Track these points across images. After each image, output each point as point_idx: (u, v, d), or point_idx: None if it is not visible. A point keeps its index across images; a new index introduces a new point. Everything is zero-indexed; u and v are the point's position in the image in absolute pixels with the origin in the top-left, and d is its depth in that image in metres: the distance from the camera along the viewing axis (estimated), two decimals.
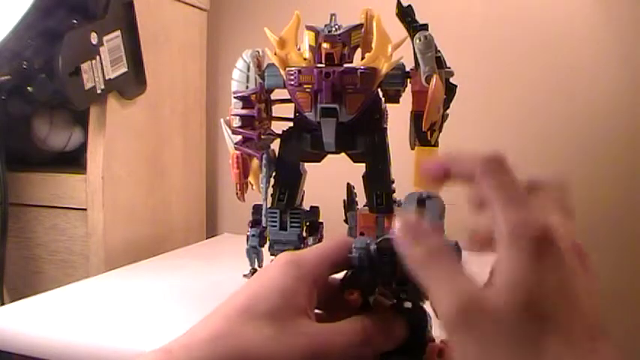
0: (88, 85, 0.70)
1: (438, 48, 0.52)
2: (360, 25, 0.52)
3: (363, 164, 0.54)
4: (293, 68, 0.50)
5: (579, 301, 0.26)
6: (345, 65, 0.50)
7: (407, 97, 0.54)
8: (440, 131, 0.53)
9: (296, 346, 0.29)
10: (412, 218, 0.31)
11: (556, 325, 0.25)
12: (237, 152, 0.56)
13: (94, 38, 0.71)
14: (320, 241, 0.57)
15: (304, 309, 0.31)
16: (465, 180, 0.31)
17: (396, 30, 0.52)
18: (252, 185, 0.59)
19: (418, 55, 0.51)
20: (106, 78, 0.74)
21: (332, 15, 0.52)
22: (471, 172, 0.30)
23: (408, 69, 0.53)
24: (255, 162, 0.58)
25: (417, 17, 0.53)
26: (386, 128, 0.55)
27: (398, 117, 0.56)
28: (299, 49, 0.52)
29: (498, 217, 0.28)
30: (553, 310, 0.25)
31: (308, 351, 0.29)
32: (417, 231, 0.30)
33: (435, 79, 0.49)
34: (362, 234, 0.55)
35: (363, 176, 0.54)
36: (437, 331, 0.35)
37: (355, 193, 0.57)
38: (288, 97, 0.52)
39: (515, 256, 0.26)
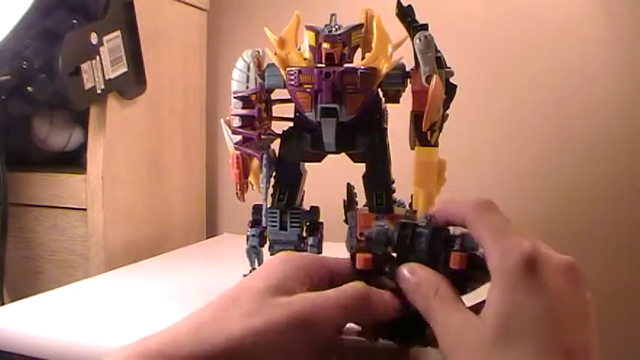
0: (88, 85, 0.70)
1: (438, 48, 0.52)
2: (360, 25, 0.52)
3: (363, 164, 0.54)
4: (293, 68, 0.50)
5: (559, 322, 0.27)
6: (346, 65, 0.50)
7: (407, 97, 0.54)
8: (440, 131, 0.53)
9: (277, 315, 0.29)
10: (410, 267, 0.33)
11: (534, 349, 0.26)
12: (237, 152, 0.56)
13: (94, 38, 0.71)
14: (320, 240, 0.57)
15: (292, 291, 0.31)
16: (459, 224, 0.33)
17: (396, 30, 0.52)
18: (252, 185, 0.59)
19: (418, 55, 0.51)
20: (106, 78, 0.74)
21: (332, 15, 0.52)
22: (462, 216, 0.32)
23: (408, 69, 0.53)
24: (255, 162, 0.57)
25: (417, 17, 0.53)
26: (386, 128, 0.55)
27: (398, 117, 0.56)
28: (299, 49, 0.52)
29: (487, 247, 0.30)
30: (532, 334, 0.26)
31: (292, 317, 0.29)
32: (414, 276, 0.32)
33: (435, 79, 0.49)
34: (362, 234, 0.55)
35: (363, 176, 0.54)
36: None
37: (355, 193, 0.57)
38: (288, 97, 0.52)
39: (499, 287, 0.28)
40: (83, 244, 0.78)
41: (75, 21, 0.69)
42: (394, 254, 0.34)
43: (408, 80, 0.53)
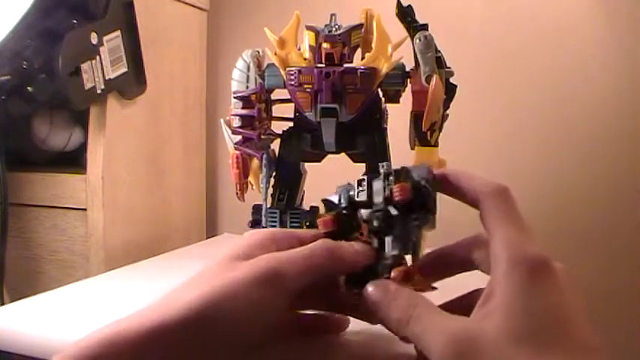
0: (88, 85, 0.70)
1: (438, 48, 0.52)
2: (360, 25, 0.52)
3: (363, 164, 0.54)
4: (293, 68, 0.50)
5: (572, 321, 0.26)
6: (345, 65, 0.50)
7: (407, 97, 0.54)
8: (440, 131, 0.53)
9: (241, 273, 0.29)
10: (380, 282, 0.31)
11: (552, 346, 0.25)
12: (237, 152, 0.56)
13: (94, 38, 0.71)
14: None
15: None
16: (466, 198, 0.32)
17: (397, 30, 0.52)
18: (252, 185, 0.59)
19: (418, 55, 0.51)
20: (106, 78, 0.74)
21: (332, 15, 0.52)
22: (475, 196, 0.31)
23: (408, 69, 0.53)
24: (255, 162, 0.58)
25: (417, 17, 0.53)
26: (386, 128, 0.55)
27: (398, 117, 0.56)
28: (299, 49, 0.52)
29: (497, 239, 0.29)
30: (549, 331, 0.26)
31: (258, 272, 0.29)
32: (388, 293, 0.30)
33: (435, 79, 0.49)
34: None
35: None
36: None
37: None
38: (288, 97, 0.52)
39: (511, 282, 0.27)
40: (83, 244, 0.78)
41: (75, 21, 0.69)
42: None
43: (408, 80, 0.53)
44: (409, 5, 0.53)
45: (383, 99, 0.56)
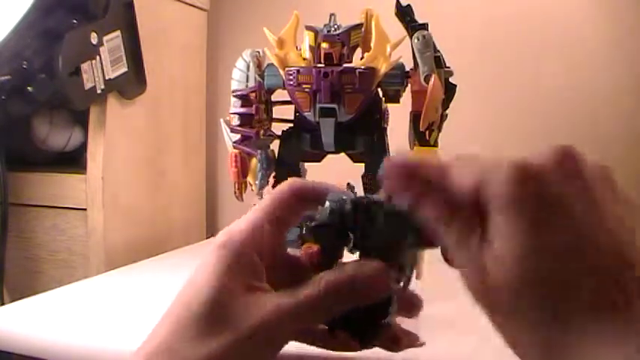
0: (88, 85, 0.70)
1: (437, 48, 0.52)
2: (359, 25, 0.52)
3: (363, 164, 0.54)
4: (292, 68, 0.50)
5: (600, 253, 0.21)
6: (344, 65, 0.50)
7: (408, 97, 0.54)
8: (439, 131, 0.53)
9: (230, 337, 0.27)
10: (394, 158, 0.28)
11: (576, 290, 0.21)
12: (236, 151, 0.56)
13: (94, 38, 0.71)
14: None
15: (245, 288, 0.29)
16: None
17: (397, 30, 0.52)
18: (250, 185, 0.59)
19: (417, 55, 0.51)
20: (106, 78, 0.74)
21: (331, 15, 0.52)
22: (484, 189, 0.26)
23: (407, 69, 0.53)
24: (254, 162, 0.58)
25: (417, 17, 0.53)
26: (386, 128, 0.55)
27: (398, 117, 0.56)
28: (298, 49, 0.52)
29: (490, 174, 0.25)
30: (571, 273, 0.21)
31: (247, 335, 0.27)
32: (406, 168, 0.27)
33: (433, 78, 0.49)
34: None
35: (362, 176, 0.54)
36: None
37: (355, 193, 0.57)
38: (289, 98, 0.52)
39: (515, 223, 0.22)
40: (83, 244, 0.78)
41: (75, 21, 0.69)
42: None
43: (408, 80, 0.53)
44: (408, 5, 0.53)
45: (383, 99, 0.56)
